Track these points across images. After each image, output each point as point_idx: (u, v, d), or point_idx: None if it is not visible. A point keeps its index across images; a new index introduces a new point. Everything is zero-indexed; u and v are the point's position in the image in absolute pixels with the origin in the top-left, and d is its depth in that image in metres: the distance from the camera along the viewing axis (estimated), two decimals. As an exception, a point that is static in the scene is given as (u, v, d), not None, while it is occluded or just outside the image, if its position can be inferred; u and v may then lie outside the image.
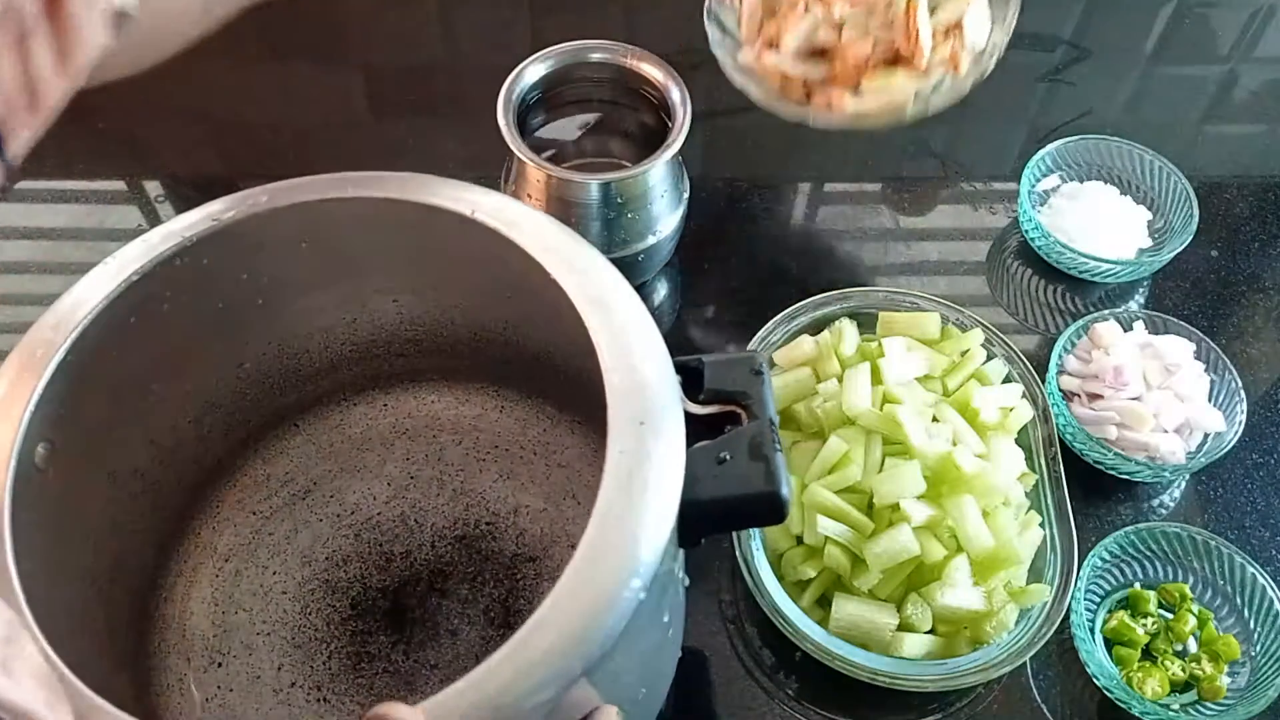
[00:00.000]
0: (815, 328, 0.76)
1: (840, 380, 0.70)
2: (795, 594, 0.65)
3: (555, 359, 0.60)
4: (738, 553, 0.65)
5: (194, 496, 0.65)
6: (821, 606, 0.65)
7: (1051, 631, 0.62)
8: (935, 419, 0.68)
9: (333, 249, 0.57)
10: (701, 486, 0.45)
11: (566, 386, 0.58)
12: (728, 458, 0.47)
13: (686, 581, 0.56)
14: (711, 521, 0.48)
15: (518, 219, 0.52)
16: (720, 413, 0.49)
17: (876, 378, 0.70)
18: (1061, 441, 0.73)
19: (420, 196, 0.54)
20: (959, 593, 0.63)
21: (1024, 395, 0.72)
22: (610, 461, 0.43)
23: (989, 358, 0.74)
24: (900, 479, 0.64)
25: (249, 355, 0.63)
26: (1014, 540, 0.64)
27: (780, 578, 0.65)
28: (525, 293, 0.51)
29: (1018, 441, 0.70)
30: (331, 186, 0.55)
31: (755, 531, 0.66)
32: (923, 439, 0.66)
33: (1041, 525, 0.67)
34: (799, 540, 0.66)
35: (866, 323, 0.76)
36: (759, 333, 0.74)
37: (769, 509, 0.46)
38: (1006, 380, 0.73)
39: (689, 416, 0.47)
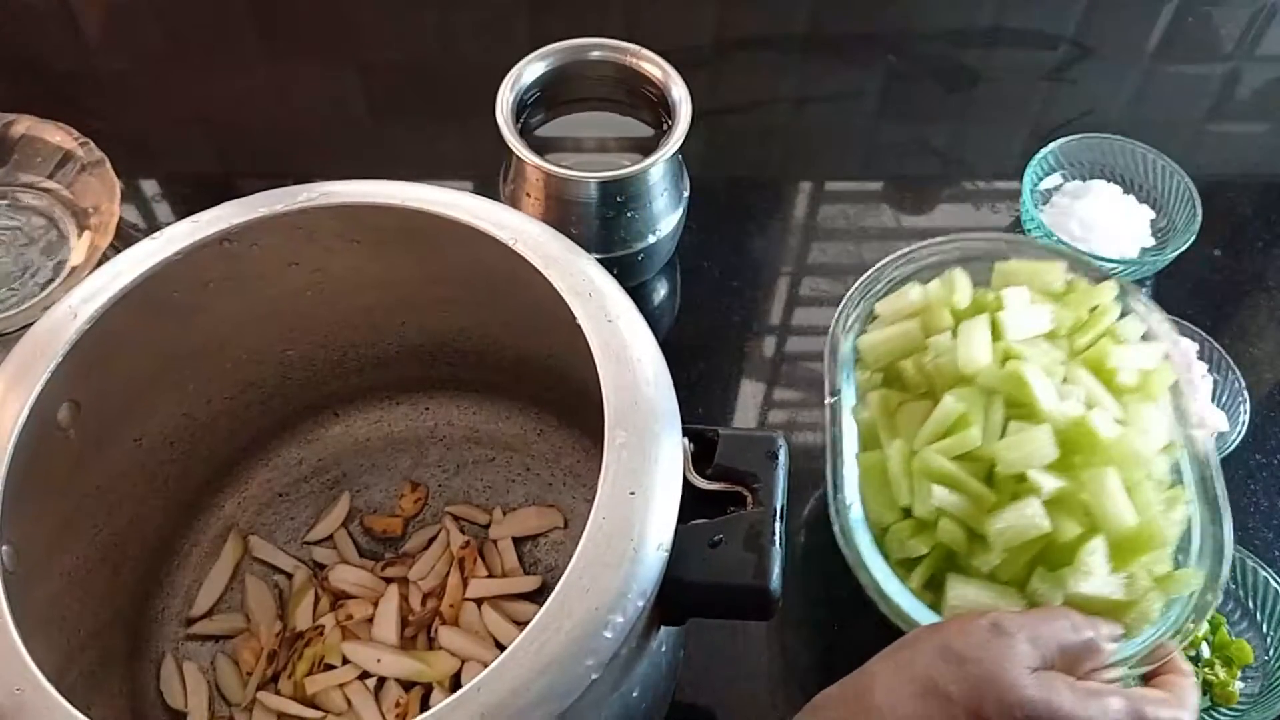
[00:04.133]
0: (922, 278, 0.67)
1: (954, 334, 0.61)
2: (903, 574, 0.57)
3: (596, 398, 0.59)
4: (835, 525, 0.57)
5: (223, 469, 0.65)
6: (932, 589, 0.57)
7: (1204, 625, 0.55)
8: (1065, 380, 0.60)
9: (381, 253, 0.57)
10: (688, 567, 0.43)
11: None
12: (721, 541, 0.44)
13: (681, 654, 0.54)
14: (693, 605, 0.45)
15: (556, 255, 0.51)
16: (725, 491, 0.46)
17: (995, 334, 0.61)
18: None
19: (466, 218, 0.52)
20: (1095, 580, 0.53)
21: (1166, 356, 0.62)
22: (591, 525, 0.41)
23: (1123, 313, 0.65)
24: (1028, 445, 0.55)
25: (296, 342, 0.63)
26: (1159, 518, 0.55)
27: (885, 556, 0.57)
28: (566, 330, 0.49)
29: None
30: (374, 193, 0.54)
31: (854, 501, 0.58)
32: (1053, 401, 0.57)
33: (1186, 503, 0.59)
34: (907, 513, 0.58)
35: (979, 274, 0.66)
36: (860, 280, 0.67)
37: (755, 604, 0.44)
38: (1145, 339, 0.64)
39: (692, 490, 0.45)
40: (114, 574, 0.57)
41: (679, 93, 0.74)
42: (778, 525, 0.45)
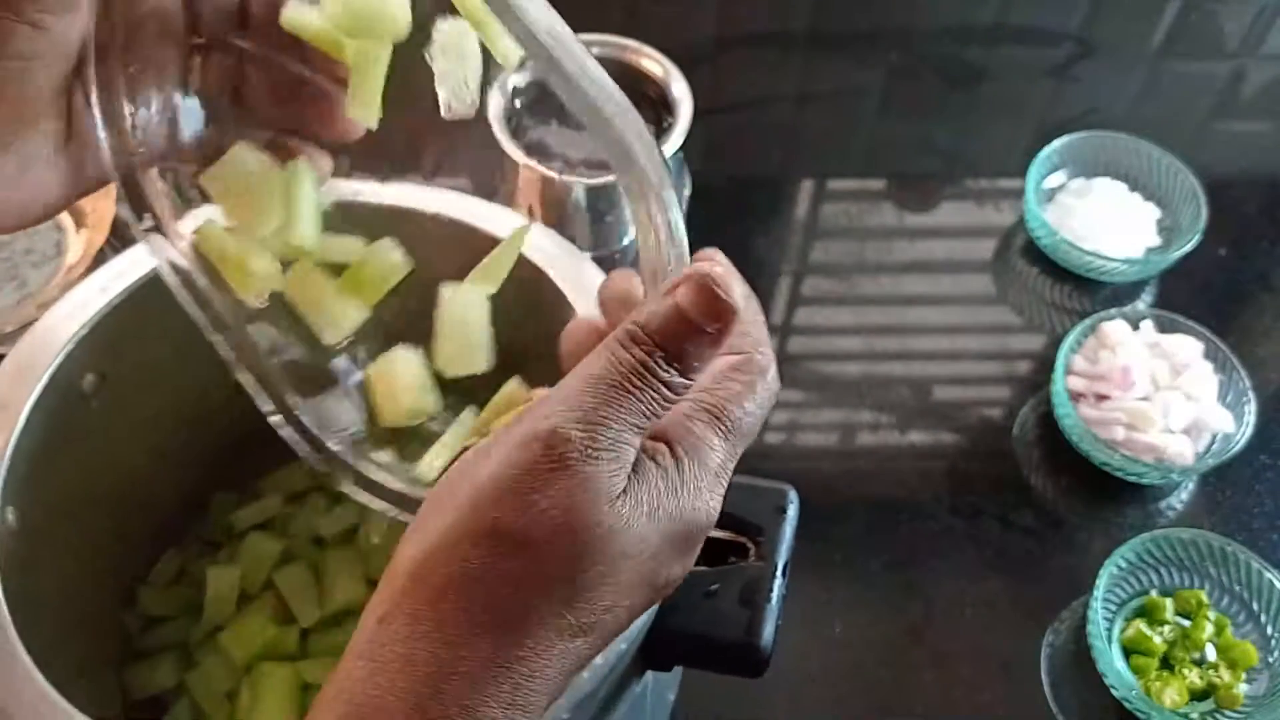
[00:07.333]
0: None
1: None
2: None
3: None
4: None
5: (243, 447, 0.63)
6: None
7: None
8: None
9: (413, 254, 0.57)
10: (678, 614, 0.41)
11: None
12: (717, 591, 0.43)
13: (671, 699, 0.54)
14: (680, 655, 0.44)
15: (556, 255, 0.51)
16: (728, 540, 0.45)
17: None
18: (1068, 443, 0.72)
19: (464, 217, 0.52)
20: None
21: None
22: None
23: None
24: None
25: None
26: None
27: None
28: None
29: None
30: (367, 191, 0.53)
31: None
32: None
33: None
34: None
35: None
36: None
37: (744, 661, 0.42)
38: None
39: None
40: (114, 563, 0.57)
41: (679, 90, 0.73)
42: (777, 582, 0.44)
